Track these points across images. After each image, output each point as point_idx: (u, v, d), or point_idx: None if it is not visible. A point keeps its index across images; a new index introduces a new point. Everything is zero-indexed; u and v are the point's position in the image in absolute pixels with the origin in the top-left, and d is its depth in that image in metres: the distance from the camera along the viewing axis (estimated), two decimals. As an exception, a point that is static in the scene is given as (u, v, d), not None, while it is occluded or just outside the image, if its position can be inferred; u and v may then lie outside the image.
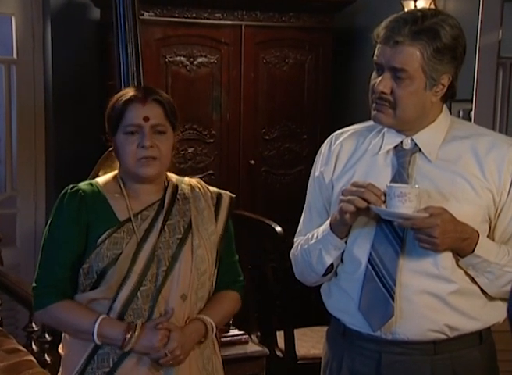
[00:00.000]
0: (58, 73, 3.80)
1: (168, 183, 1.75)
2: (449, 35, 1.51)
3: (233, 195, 1.84)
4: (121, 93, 1.72)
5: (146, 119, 1.65)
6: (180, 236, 1.70)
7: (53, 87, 3.81)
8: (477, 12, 3.22)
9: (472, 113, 3.27)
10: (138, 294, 1.63)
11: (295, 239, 1.76)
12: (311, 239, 1.65)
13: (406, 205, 1.47)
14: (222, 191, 1.83)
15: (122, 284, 1.63)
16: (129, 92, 1.70)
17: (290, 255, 1.75)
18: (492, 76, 3.26)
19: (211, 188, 1.82)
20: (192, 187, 1.77)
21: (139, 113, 1.65)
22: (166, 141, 1.68)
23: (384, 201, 1.50)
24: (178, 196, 1.74)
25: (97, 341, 1.62)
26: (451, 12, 3.67)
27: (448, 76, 1.54)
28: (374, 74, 1.58)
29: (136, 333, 1.60)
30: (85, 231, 1.66)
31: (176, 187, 1.75)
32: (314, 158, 1.76)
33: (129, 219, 1.67)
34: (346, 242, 1.60)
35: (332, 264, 1.62)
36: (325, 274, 1.65)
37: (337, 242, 1.59)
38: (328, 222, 1.61)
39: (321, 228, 1.63)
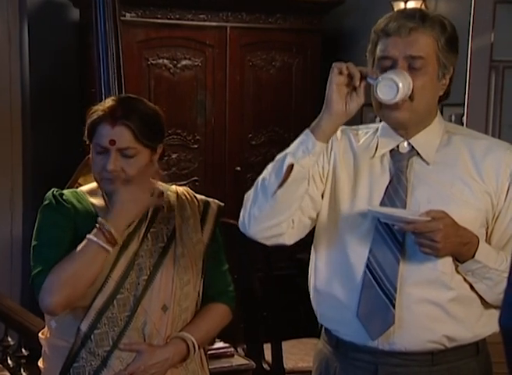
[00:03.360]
0: (35, 76, 3.78)
1: (153, 190, 1.74)
2: (451, 26, 1.57)
3: (222, 204, 1.83)
4: (98, 106, 1.70)
5: (112, 142, 1.64)
6: (163, 244, 1.70)
7: (30, 90, 3.79)
8: (469, 14, 3.24)
9: (464, 118, 3.29)
10: (114, 302, 1.62)
11: None
12: None
13: (401, 77, 1.46)
14: (210, 200, 1.82)
15: (100, 291, 1.62)
16: (102, 107, 1.67)
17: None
18: (485, 79, 3.28)
19: (199, 196, 1.82)
20: (178, 195, 1.77)
21: (106, 135, 1.64)
22: (135, 163, 1.65)
23: (376, 74, 1.49)
24: (163, 203, 1.73)
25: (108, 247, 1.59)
26: (442, 14, 3.70)
27: (452, 68, 1.58)
28: (378, 71, 1.54)
29: None
30: (72, 234, 1.65)
31: (161, 194, 1.75)
32: (303, 163, 1.74)
33: None
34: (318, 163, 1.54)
35: (289, 171, 1.47)
36: (275, 190, 1.50)
37: (310, 143, 1.48)
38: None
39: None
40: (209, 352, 2.50)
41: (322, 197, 1.63)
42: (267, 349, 2.90)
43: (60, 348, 1.65)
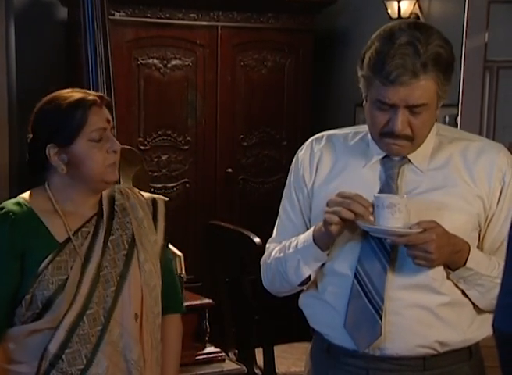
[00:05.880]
0: (22, 76, 3.77)
1: (101, 193, 1.69)
2: (448, 52, 1.52)
3: (167, 199, 1.80)
4: (66, 98, 1.63)
5: (108, 121, 1.63)
6: (125, 252, 1.65)
7: (17, 90, 3.77)
8: (462, 14, 3.26)
9: (459, 119, 3.30)
10: (84, 318, 1.57)
11: (267, 245, 1.75)
12: (289, 248, 1.64)
13: (396, 216, 1.47)
14: (155, 196, 1.79)
15: (68, 310, 1.57)
16: (78, 96, 1.63)
17: (261, 262, 1.74)
18: (479, 80, 3.29)
19: (145, 194, 1.78)
20: (127, 196, 1.73)
21: (102, 116, 1.62)
22: None
23: (372, 213, 1.50)
24: (116, 208, 1.69)
25: None
26: (436, 15, 3.72)
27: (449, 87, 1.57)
28: (374, 110, 1.53)
29: None
30: (20, 260, 1.58)
31: (111, 197, 1.70)
32: (294, 165, 1.75)
33: (68, 239, 1.60)
34: (327, 255, 1.60)
35: (309, 276, 1.62)
36: (300, 285, 1.64)
37: (319, 254, 1.58)
38: (310, 232, 1.59)
39: (302, 238, 1.62)
40: (200, 357, 2.51)
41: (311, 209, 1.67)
42: (259, 354, 2.89)
43: (20, 374, 1.59)
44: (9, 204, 1.62)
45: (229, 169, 3.86)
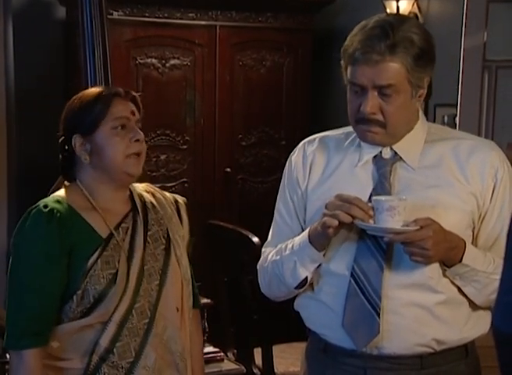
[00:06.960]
0: (20, 77, 3.77)
1: (130, 191, 1.73)
2: (422, 39, 1.54)
3: (185, 199, 1.85)
4: (90, 93, 1.70)
5: (133, 113, 1.67)
6: (163, 246, 1.70)
7: (15, 91, 3.78)
8: (461, 14, 3.26)
9: (457, 118, 3.31)
10: (133, 311, 1.61)
11: (263, 249, 1.76)
12: (285, 250, 1.65)
13: (395, 218, 1.49)
14: (176, 195, 1.84)
15: (119, 304, 1.59)
16: (101, 89, 1.70)
17: (258, 267, 1.75)
18: (478, 79, 3.30)
19: (166, 193, 1.83)
20: (153, 194, 1.77)
21: (126, 107, 1.66)
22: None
23: (371, 216, 1.51)
24: (147, 204, 1.72)
25: None
26: (435, 14, 3.73)
27: (428, 78, 1.58)
28: (351, 95, 1.57)
29: None
30: (68, 257, 1.60)
31: (140, 195, 1.74)
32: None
33: (111, 235, 1.63)
34: (324, 255, 1.60)
35: (305, 278, 1.62)
36: (296, 288, 1.65)
37: (315, 255, 1.59)
38: (305, 233, 1.60)
39: (298, 239, 1.63)
40: (198, 357, 2.52)
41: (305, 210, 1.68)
42: (257, 353, 2.90)
43: (70, 370, 1.60)
44: (50, 202, 1.63)
45: (228, 169, 3.86)
